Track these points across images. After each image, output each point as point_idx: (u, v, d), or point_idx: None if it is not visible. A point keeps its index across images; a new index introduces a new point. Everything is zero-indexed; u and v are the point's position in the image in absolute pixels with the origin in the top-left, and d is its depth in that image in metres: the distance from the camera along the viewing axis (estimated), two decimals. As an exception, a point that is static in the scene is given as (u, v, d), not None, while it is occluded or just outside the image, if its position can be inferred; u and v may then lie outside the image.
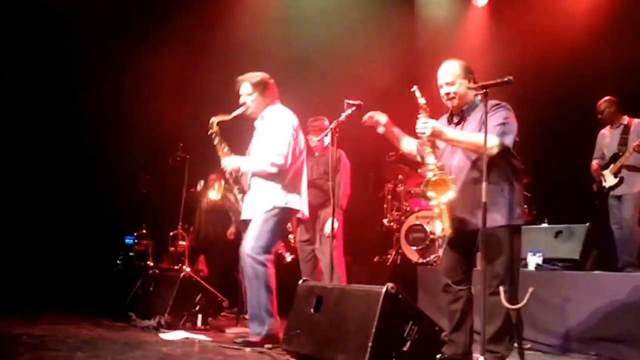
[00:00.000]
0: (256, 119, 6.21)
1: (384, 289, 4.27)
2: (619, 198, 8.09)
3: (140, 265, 9.64)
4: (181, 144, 8.89)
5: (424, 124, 4.78)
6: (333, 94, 6.69)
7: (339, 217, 7.40)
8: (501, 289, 4.50)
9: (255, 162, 5.98)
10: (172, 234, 9.97)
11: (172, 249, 10.07)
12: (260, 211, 5.88)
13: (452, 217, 4.75)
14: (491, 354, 4.60)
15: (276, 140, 5.90)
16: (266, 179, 5.93)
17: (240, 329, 6.80)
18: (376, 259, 10.00)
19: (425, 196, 4.85)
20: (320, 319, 4.78)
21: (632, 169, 8.00)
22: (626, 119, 8.26)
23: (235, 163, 6.09)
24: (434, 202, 4.78)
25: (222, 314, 7.42)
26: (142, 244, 10.31)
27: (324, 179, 7.52)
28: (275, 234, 5.92)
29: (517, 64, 9.08)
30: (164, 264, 10.12)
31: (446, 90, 4.98)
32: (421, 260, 9.01)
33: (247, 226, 6.02)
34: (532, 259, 6.94)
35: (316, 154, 7.76)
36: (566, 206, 8.72)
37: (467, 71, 5.00)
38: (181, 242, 9.87)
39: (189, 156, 8.80)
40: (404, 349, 4.27)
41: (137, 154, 10.01)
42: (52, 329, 6.01)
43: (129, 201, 10.19)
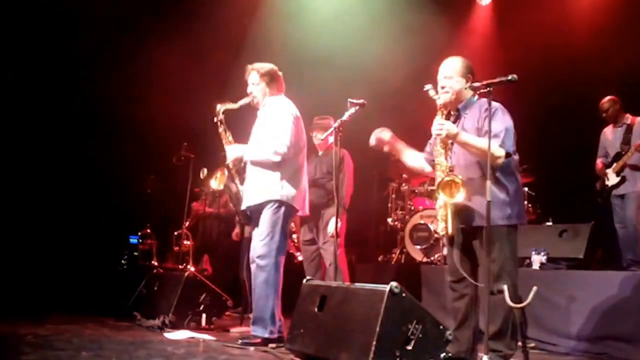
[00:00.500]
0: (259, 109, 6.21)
1: (387, 288, 4.26)
2: (621, 197, 8.09)
3: (145, 265, 9.66)
4: (185, 143, 8.90)
5: (440, 125, 4.79)
6: (341, 93, 6.70)
7: (342, 216, 7.40)
8: (505, 287, 4.51)
9: (259, 151, 5.93)
10: (177, 233, 9.99)
11: (176, 248, 10.09)
12: (262, 203, 5.86)
13: (455, 216, 4.76)
14: (493, 352, 4.61)
15: (279, 130, 5.86)
16: (265, 168, 5.89)
17: (245, 328, 6.80)
18: (380, 258, 10.00)
19: (437, 197, 4.85)
20: (324, 318, 4.77)
21: (635, 167, 7.99)
22: (629, 117, 8.26)
23: (238, 152, 6.05)
24: (440, 202, 4.78)
25: (226, 313, 7.42)
26: (146, 244, 10.33)
27: (327, 178, 7.51)
28: (283, 233, 5.89)
29: (521, 63, 9.09)
30: (169, 263, 10.14)
31: (442, 83, 5.04)
32: (425, 260, 9.00)
33: (245, 216, 6.02)
34: (537, 258, 6.93)
35: (320, 153, 7.76)
36: (570, 205, 8.71)
37: (468, 70, 5.04)
38: (185, 241, 9.88)
39: (193, 156, 8.80)
40: (408, 348, 4.26)
41: (142, 154, 10.03)
42: (57, 329, 6.02)
43: (133, 201, 10.20)
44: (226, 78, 6.53)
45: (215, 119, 6.18)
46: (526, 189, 8.72)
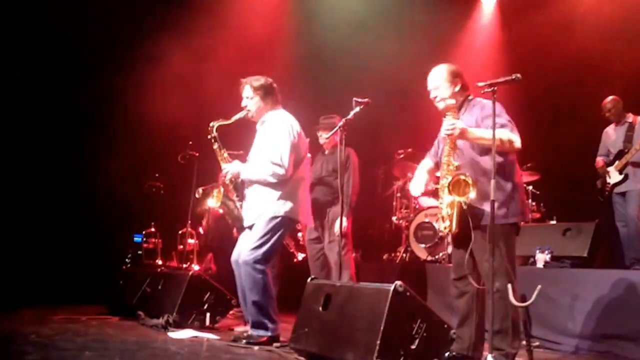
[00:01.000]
0: (257, 123, 6.18)
1: (392, 287, 4.27)
2: (623, 195, 8.08)
3: (149, 264, 9.66)
4: (190, 142, 8.89)
5: (451, 125, 4.80)
6: (347, 91, 6.69)
7: (348, 214, 7.40)
8: (509, 286, 4.51)
9: (256, 171, 5.92)
10: (181, 232, 9.98)
11: (180, 247, 10.08)
12: (260, 219, 5.84)
13: (459, 213, 4.77)
14: (496, 351, 4.61)
15: (277, 150, 5.82)
16: (265, 186, 5.88)
17: (249, 327, 6.80)
18: (385, 256, 10.00)
19: (441, 195, 4.86)
20: (329, 317, 4.78)
21: (638, 165, 7.99)
22: (631, 116, 8.28)
23: (235, 169, 6.04)
24: (445, 200, 4.78)
25: (230, 312, 7.42)
26: (150, 243, 10.33)
27: (332, 176, 7.52)
28: (275, 243, 5.87)
29: (525, 62, 9.09)
30: (173, 262, 10.14)
31: (432, 95, 5.14)
32: (430, 258, 9.00)
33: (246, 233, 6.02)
34: (541, 257, 6.93)
35: (326, 152, 7.77)
36: (574, 204, 8.70)
37: (453, 75, 5.12)
38: (190, 240, 9.87)
39: (198, 154, 8.80)
40: (412, 346, 4.27)
41: (147, 152, 10.03)
42: (61, 328, 6.02)
43: (138, 199, 10.21)
44: (232, 76, 6.50)
45: (209, 136, 6.17)
46: (531, 187, 8.72)
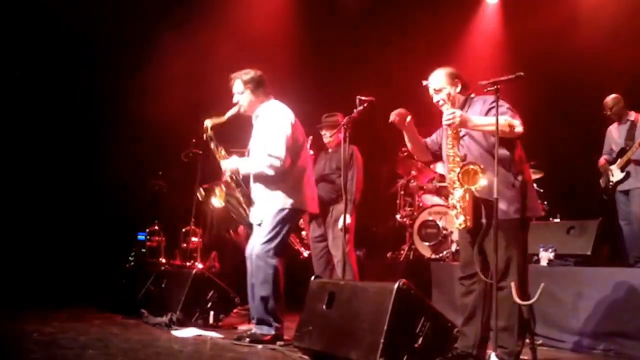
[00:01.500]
0: (252, 117, 6.15)
1: (396, 286, 4.27)
2: (626, 193, 8.08)
3: (153, 262, 9.66)
4: (194, 140, 8.88)
5: (451, 114, 4.80)
6: (346, 90, 6.69)
7: (351, 212, 7.39)
8: (512, 284, 4.51)
9: (254, 165, 5.90)
10: (185, 230, 9.98)
11: (184, 245, 10.08)
12: (268, 214, 5.84)
13: (473, 208, 4.76)
14: (500, 349, 4.62)
15: (272, 142, 5.80)
16: (269, 181, 5.86)
17: (252, 325, 6.80)
18: (389, 255, 9.99)
19: (451, 192, 4.86)
20: (333, 316, 4.78)
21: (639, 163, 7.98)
22: (633, 114, 8.28)
23: (234, 165, 6.02)
24: (457, 195, 4.77)
25: (234, 310, 7.42)
26: (154, 241, 10.33)
27: (336, 174, 7.50)
28: (285, 236, 5.88)
29: (528, 60, 9.08)
30: (177, 260, 10.14)
31: (435, 99, 5.15)
32: (434, 256, 9.00)
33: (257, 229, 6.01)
34: (544, 255, 6.93)
35: (329, 150, 7.76)
36: (578, 202, 8.70)
37: (452, 76, 5.15)
38: (193, 238, 9.86)
39: (202, 152, 8.79)
40: (416, 345, 4.27)
41: (150, 150, 10.03)
42: (64, 327, 6.01)
43: (141, 198, 10.21)
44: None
45: (204, 136, 6.15)
46: (534, 185, 8.70)
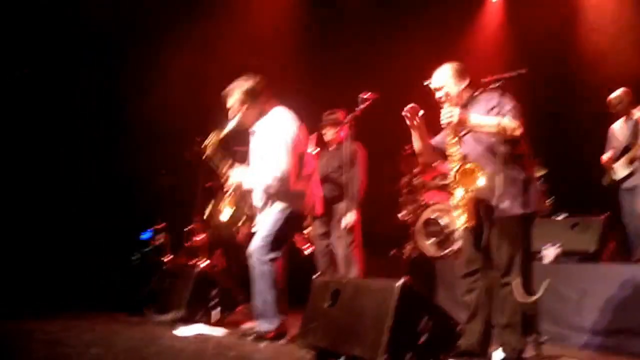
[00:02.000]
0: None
1: (398, 283, 4.27)
2: (630, 190, 8.05)
3: (157, 260, 9.67)
4: (198, 138, 8.88)
5: (449, 112, 4.79)
6: (349, 86, 6.68)
7: (355, 210, 7.39)
8: (516, 281, 4.51)
9: (258, 180, 5.89)
10: (189, 228, 9.98)
11: (188, 243, 10.08)
12: (269, 214, 5.86)
13: (473, 207, 4.76)
14: (504, 345, 4.62)
15: (275, 155, 5.77)
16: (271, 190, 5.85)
17: (256, 323, 6.80)
18: (392, 252, 9.98)
19: (452, 191, 4.85)
20: (336, 313, 4.77)
21: None
22: (638, 112, 8.22)
23: (237, 179, 6.03)
24: (459, 195, 4.77)
25: (238, 308, 7.43)
26: (159, 239, 10.32)
27: (338, 172, 7.50)
28: (283, 233, 5.87)
29: (532, 57, 9.07)
30: (181, 258, 10.14)
31: (439, 95, 5.11)
32: (437, 254, 8.97)
33: None
34: (549, 252, 6.92)
35: (331, 148, 7.76)
36: (583, 198, 8.68)
37: (458, 72, 5.13)
38: (197, 236, 9.86)
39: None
40: (419, 342, 4.27)
41: (154, 149, 10.03)
42: (67, 325, 6.01)
43: (145, 196, 10.21)
44: (239, 71, 6.49)
45: (204, 157, 6.14)
46: (538, 182, 8.70)
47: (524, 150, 4.96)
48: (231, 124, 5.99)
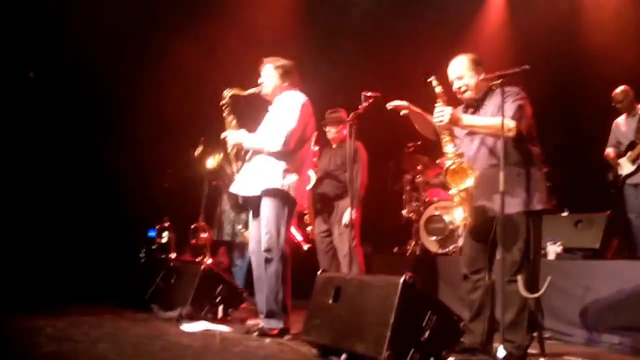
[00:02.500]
0: (272, 103, 6.14)
1: (401, 279, 4.29)
2: (636, 186, 8.06)
3: (162, 258, 9.70)
4: (203, 137, 8.91)
5: (440, 112, 4.80)
6: (352, 84, 6.69)
7: (356, 206, 7.40)
8: (519, 277, 4.52)
9: (259, 141, 5.91)
10: (194, 226, 10.01)
11: (193, 241, 10.10)
12: (264, 203, 5.81)
13: (473, 205, 4.78)
14: (508, 343, 4.62)
15: (284, 123, 5.79)
16: (269, 157, 5.84)
17: (260, 320, 6.83)
18: (395, 250, 10.00)
19: (445, 185, 4.88)
20: (339, 310, 4.80)
21: None
22: None
23: (238, 138, 6.03)
24: (453, 190, 4.80)
25: (242, 305, 7.45)
26: (164, 237, 10.35)
27: (341, 170, 7.53)
28: (288, 224, 5.86)
29: (535, 53, 9.08)
30: (186, 256, 10.17)
31: (457, 84, 5.10)
32: (440, 251, 9.00)
33: (236, 202, 5.98)
34: (552, 248, 6.93)
35: (334, 145, 7.78)
36: (586, 195, 8.69)
37: (476, 63, 5.10)
38: (202, 234, 9.89)
39: (211, 149, 8.81)
40: (422, 338, 4.28)
41: (160, 148, 10.06)
42: (76, 321, 6.03)
43: (151, 194, 10.24)
44: (244, 71, 6.52)
45: (221, 103, 6.16)
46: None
47: (531, 147, 4.96)
48: (256, 88, 6.09)
